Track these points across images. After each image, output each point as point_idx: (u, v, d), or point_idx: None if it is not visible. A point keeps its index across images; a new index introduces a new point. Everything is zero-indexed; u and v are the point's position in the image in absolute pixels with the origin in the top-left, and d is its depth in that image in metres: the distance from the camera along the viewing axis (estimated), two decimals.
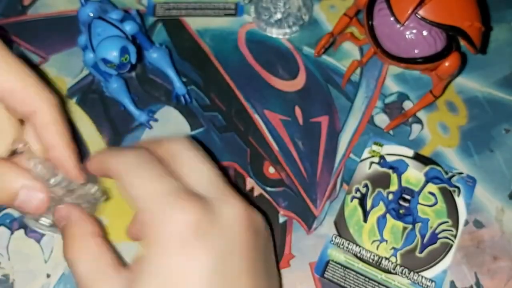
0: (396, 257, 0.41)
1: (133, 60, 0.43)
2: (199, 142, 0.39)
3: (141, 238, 0.30)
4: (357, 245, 0.41)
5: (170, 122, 0.46)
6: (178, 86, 0.46)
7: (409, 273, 0.40)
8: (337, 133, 0.46)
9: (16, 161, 0.31)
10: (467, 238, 0.42)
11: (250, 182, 0.44)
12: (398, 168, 0.44)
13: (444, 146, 0.45)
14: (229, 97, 0.47)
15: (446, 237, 0.41)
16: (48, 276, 0.40)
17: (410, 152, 0.44)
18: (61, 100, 0.32)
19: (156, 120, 0.46)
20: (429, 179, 0.43)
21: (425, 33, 0.42)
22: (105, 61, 0.41)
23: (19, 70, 0.30)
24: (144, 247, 0.29)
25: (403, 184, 0.43)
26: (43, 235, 0.41)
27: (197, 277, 0.27)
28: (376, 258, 0.41)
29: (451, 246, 0.41)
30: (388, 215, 0.42)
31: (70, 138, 0.32)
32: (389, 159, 0.44)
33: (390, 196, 0.43)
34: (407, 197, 0.43)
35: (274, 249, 0.36)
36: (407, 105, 0.47)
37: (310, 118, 0.47)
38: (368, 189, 0.43)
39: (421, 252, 0.41)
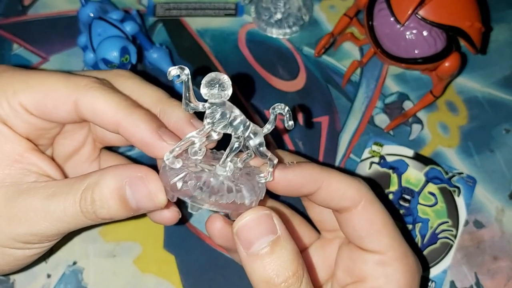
0: None
1: (134, 60, 0.43)
2: None
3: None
4: None
5: None
6: (179, 86, 0.46)
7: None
8: (337, 133, 0.46)
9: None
10: (467, 238, 0.42)
11: None
12: (398, 168, 0.44)
13: (444, 146, 0.45)
14: (229, 97, 0.47)
15: (446, 237, 0.41)
16: (49, 276, 0.40)
17: (410, 152, 0.44)
18: None
19: None
20: (429, 179, 0.43)
21: (425, 33, 0.42)
22: (106, 61, 0.41)
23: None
24: None
25: (403, 184, 0.43)
26: None
27: None
28: None
29: (451, 246, 0.41)
30: None
31: None
32: (389, 159, 0.44)
33: (390, 196, 0.43)
34: (407, 197, 0.43)
35: None
36: (407, 105, 0.47)
37: (310, 118, 0.47)
38: None
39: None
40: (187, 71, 0.26)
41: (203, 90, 0.26)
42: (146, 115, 0.30)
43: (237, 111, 0.27)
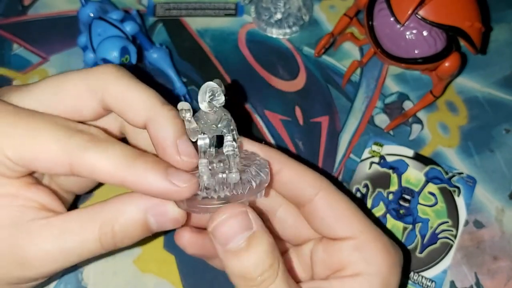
0: None
1: (134, 61, 0.43)
2: None
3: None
4: None
5: None
6: (179, 86, 0.46)
7: (409, 273, 0.40)
8: (337, 133, 0.46)
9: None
10: (467, 238, 0.42)
11: None
12: (398, 168, 0.44)
13: (444, 146, 0.45)
14: (230, 97, 0.47)
15: (446, 237, 0.41)
16: None
17: (410, 152, 0.44)
18: None
19: None
20: (429, 179, 0.43)
21: (425, 33, 0.42)
22: (106, 61, 0.41)
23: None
24: None
25: (403, 184, 0.43)
26: None
27: None
28: None
29: (451, 246, 0.41)
30: (388, 215, 0.42)
31: None
32: (389, 159, 0.44)
33: (390, 196, 0.43)
34: (407, 197, 0.43)
35: None
36: (407, 105, 0.47)
37: (310, 118, 0.47)
38: (368, 189, 0.43)
39: (421, 252, 0.41)
40: (188, 108, 0.26)
41: (205, 106, 0.26)
42: (148, 162, 0.28)
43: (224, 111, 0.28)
